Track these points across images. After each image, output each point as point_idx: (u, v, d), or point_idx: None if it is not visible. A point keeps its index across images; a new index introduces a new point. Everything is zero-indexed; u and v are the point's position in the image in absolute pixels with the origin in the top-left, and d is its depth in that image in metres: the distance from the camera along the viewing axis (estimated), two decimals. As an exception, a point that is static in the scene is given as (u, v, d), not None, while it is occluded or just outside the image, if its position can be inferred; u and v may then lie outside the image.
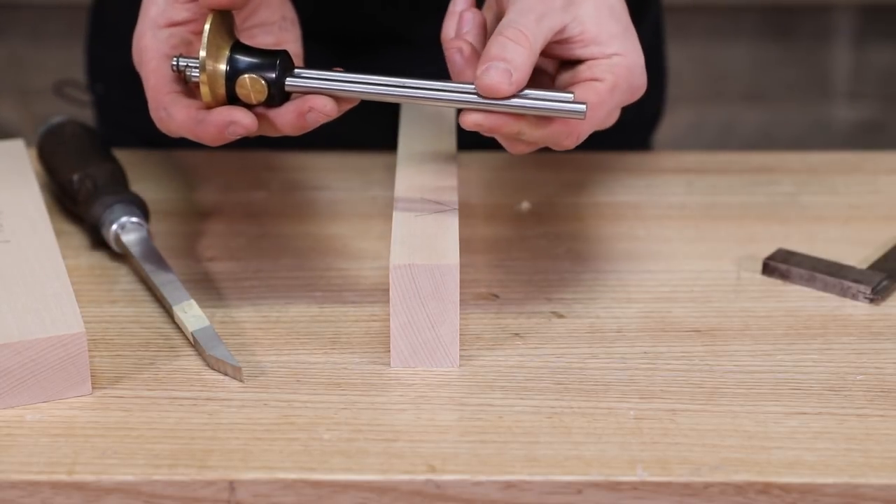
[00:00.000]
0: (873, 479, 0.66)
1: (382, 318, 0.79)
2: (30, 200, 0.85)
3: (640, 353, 0.76)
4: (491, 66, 0.70)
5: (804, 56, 2.14)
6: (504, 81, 0.69)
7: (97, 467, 0.66)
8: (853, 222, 0.91)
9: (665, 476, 0.66)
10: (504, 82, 0.69)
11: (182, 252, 0.87)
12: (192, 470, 0.66)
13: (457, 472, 0.66)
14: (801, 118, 2.18)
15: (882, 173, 0.98)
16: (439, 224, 0.76)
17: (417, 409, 0.71)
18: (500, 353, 0.76)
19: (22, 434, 0.69)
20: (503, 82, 0.69)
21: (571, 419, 0.70)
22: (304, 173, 0.98)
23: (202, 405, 0.71)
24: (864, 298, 0.81)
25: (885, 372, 0.74)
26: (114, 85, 1.10)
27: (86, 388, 0.72)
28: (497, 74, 0.70)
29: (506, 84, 0.69)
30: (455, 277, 0.72)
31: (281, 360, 0.75)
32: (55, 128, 0.95)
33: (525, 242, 0.88)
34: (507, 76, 0.69)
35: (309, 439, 0.69)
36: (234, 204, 0.93)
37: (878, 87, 2.18)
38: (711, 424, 0.70)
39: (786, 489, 0.66)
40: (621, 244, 0.88)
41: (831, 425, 0.70)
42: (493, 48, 0.70)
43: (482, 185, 0.96)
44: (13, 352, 0.69)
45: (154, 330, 0.78)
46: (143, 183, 0.93)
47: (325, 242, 0.88)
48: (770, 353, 0.76)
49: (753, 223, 0.91)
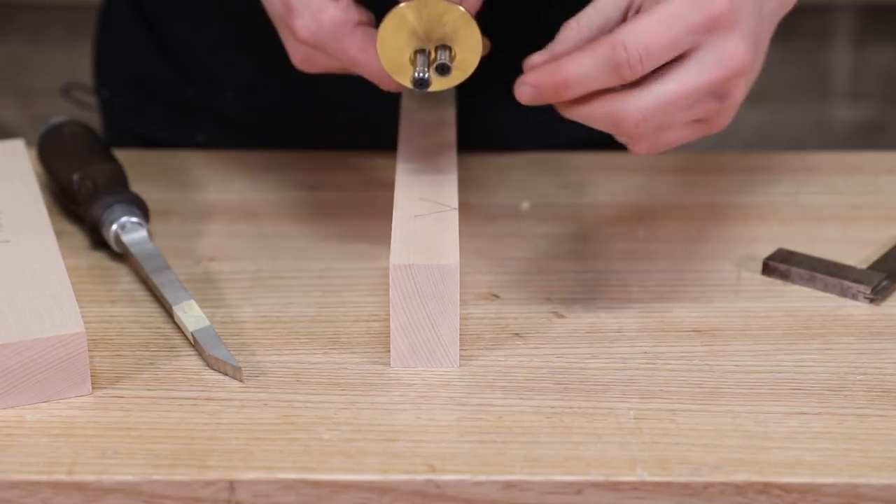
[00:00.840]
0: (873, 479, 0.66)
1: (382, 318, 0.79)
2: (30, 200, 0.85)
3: (640, 353, 0.76)
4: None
5: (804, 56, 2.14)
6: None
7: (97, 467, 0.66)
8: (853, 222, 0.91)
9: (665, 476, 0.66)
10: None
11: (182, 252, 0.87)
12: (192, 470, 0.66)
13: (457, 472, 0.66)
14: (801, 118, 2.18)
15: (882, 173, 0.98)
16: (439, 224, 0.76)
17: (417, 409, 0.71)
18: (500, 353, 0.76)
19: (22, 434, 0.69)
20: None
21: (571, 419, 0.70)
22: (304, 173, 0.98)
23: (202, 405, 0.71)
24: (864, 298, 0.81)
25: (885, 372, 0.74)
26: (119, 90, 1.10)
27: (86, 388, 0.72)
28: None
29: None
30: (455, 277, 0.72)
31: (281, 360, 0.75)
32: (55, 128, 0.95)
33: (525, 242, 0.88)
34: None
35: (309, 439, 0.69)
36: (234, 204, 0.93)
37: (878, 87, 2.18)
38: (711, 424, 0.70)
39: (786, 489, 0.66)
40: (621, 244, 0.88)
41: (831, 425, 0.70)
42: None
43: (482, 185, 0.96)
44: (13, 352, 0.69)
45: (154, 330, 0.78)
46: (143, 183, 0.93)
47: (325, 242, 0.88)
48: (770, 353, 0.76)
49: (753, 223, 0.91)
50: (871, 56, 2.16)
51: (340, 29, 0.78)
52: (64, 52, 1.99)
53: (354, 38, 0.78)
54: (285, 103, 1.02)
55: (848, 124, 2.19)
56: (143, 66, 1.07)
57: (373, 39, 0.77)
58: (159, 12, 1.06)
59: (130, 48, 1.08)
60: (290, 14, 0.78)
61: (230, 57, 1.03)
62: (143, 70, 1.07)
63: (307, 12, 0.77)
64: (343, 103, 0.98)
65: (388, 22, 0.76)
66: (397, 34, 0.76)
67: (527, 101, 0.73)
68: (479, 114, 0.97)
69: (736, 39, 0.71)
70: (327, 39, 0.78)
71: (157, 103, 1.08)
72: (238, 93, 1.04)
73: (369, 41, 0.78)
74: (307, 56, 0.81)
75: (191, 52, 1.05)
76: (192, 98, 1.06)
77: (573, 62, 0.70)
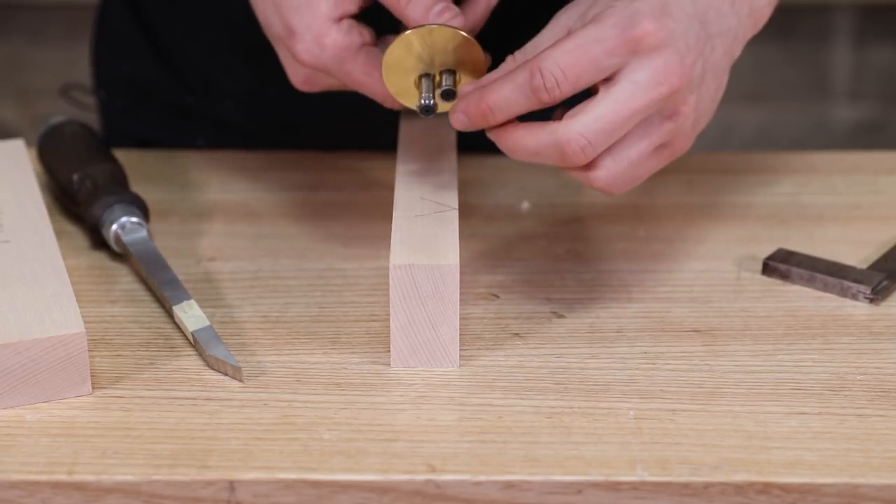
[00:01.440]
0: (873, 479, 0.66)
1: (382, 318, 0.79)
2: (30, 200, 0.85)
3: (640, 353, 0.76)
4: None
5: (804, 56, 2.14)
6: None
7: (97, 467, 0.66)
8: (853, 222, 0.91)
9: (665, 476, 0.66)
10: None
11: (182, 252, 0.87)
12: (192, 470, 0.66)
13: (457, 472, 0.66)
14: (802, 118, 2.18)
15: (882, 173, 0.98)
16: (439, 224, 0.76)
17: (417, 409, 0.71)
18: (500, 353, 0.76)
19: (22, 434, 0.69)
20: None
21: (571, 419, 0.70)
22: (304, 173, 0.98)
23: (202, 405, 0.71)
24: (864, 298, 0.81)
25: (885, 372, 0.74)
26: (116, 92, 1.10)
27: (86, 388, 0.72)
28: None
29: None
30: (455, 277, 0.72)
31: (281, 360, 0.75)
32: (55, 128, 0.95)
33: (525, 242, 0.88)
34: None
35: (309, 439, 0.69)
36: (234, 204, 0.93)
37: (878, 87, 2.18)
38: (711, 424, 0.70)
39: (786, 489, 0.66)
40: (621, 244, 0.88)
41: (831, 425, 0.70)
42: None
43: (482, 185, 0.96)
44: (13, 352, 0.69)
45: (154, 330, 0.78)
46: (143, 183, 0.93)
47: (325, 242, 0.88)
48: (770, 353, 0.76)
49: (753, 223, 0.91)
50: (871, 56, 2.16)
51: (344, 53, 0.78)
52: (63, 52, 1.99)
53: (358, 61, 0.78)
54: (285, 109, 1.02)
55: (848, 124, 2.19)
56: (141, 70, 1.07)
57: (377, 62, 0.78)
58: (156, 17, 1.05)
59: (128, 52, 1.08)
60: (292, 37, 0.78)
61: (228, 63, 1.03)
62: (141, 74, 1.07)
63: (309, 35, 0.77)
64: (343, 108, 0.98)
65: (394, 48, 0.76)
66: (403, 60, 0.77)
67: (461, 127, 0.74)
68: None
69: (666, 56, 0.71)
70: (331, 63, 0.78)
71: (155, 107, 1.08)
72: (237, 99, 1.04)
73: (373, 64, 0.78)
74: (308, 77, 0.81)
75: (188, 59, 1.05)
76: (191, 104, 1.06)
77: (495, 89, 0.72)
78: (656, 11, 0.71)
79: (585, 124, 0.71)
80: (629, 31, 0.70)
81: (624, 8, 0.71)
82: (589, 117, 0.71)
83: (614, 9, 0.71)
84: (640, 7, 0.71)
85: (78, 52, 1.38)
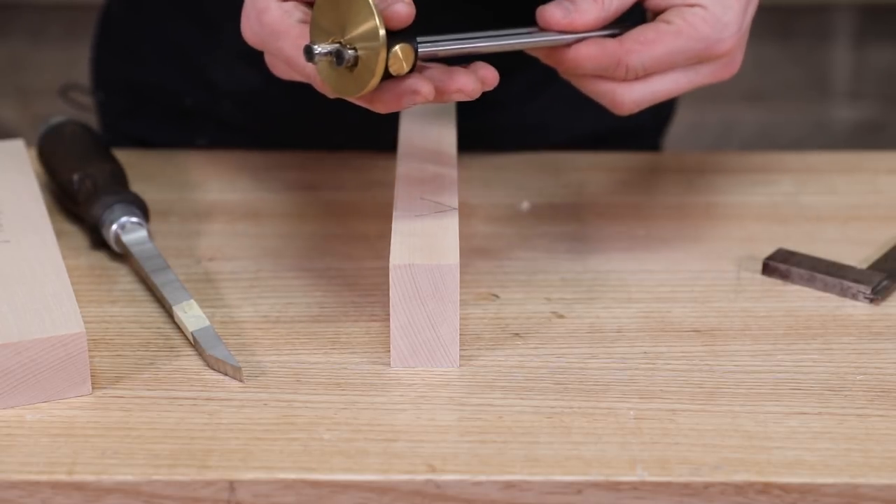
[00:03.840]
0: (873, 479, 0.66)
1: (382, 318, 0.79)
2: (30, 200, 0.85)
3: (640, 353, 0.76)
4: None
5: (804, 56, 2.14)
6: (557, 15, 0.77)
7: (97, 467, 0.66)
8: (853, 222, 0.91)
9: (665, 476, 0.66)
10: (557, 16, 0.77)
11: (182, 252, 0.87)
12: (192, 470, 0.66)
13: (457, 472, 0.66)
14: (801, 118, 2.19)
15: (882, 173, 0.98)
16: (439, 224, 0.76)
17: (417, 409, 0.71)
18: (500, 353, 0.76)
19: (22, 434, 0.69)
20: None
21: (571, 419, 0.70)
22: (304, 173, 0.98)
23: (202, 405, 0.71)
24: (864, 298, 0.81)
25: (885, 372, 0.74)
26: (115, 94, 1.10)
27: (86, 388, 0.72)
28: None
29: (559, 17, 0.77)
30: (455, 277, 0.72)
31: (281, 360, 0.75)
32: (55, 128, 0.95)
33: (525, 242, 0.88)
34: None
35: (309, 439, 0.69)
36: (234, 204, 0.93)
37: (878, 87, 2.18)
38: (711, 424, 0.70)
39: (786, 489, 0.66)
40: (621, 244, 0.88)
41: (831, 425, 0.70)
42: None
43: (482, 185, 0.96)
44: (13, 352, 0.70)
45: (154, 330, 0.78)
46: (143, 183, 0.93)
47: (325, 242, 0.88)
48: (770, 353, 0.76)
49: (753, 223, 0.91)
50: (871, 56, 2.16)
51: (279, 28, 0.75)
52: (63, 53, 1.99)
53: (290, 36, 0.75)
54: (285, 110, 1.02)
55: (848, 124, 2.19)
56: (141, 72, 1.07)
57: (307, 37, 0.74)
58: (157, 20, 1.05)
59: (128, 54, 1.08)
60: (244, 18, 0.77)
61: (228, 64, 1.03)
62: (141, 76, 1.07)
63: (253, 12, 0.76)
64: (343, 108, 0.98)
65: (315, 12, 0.72)
66: (318, 25, 0.72)
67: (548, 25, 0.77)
68: (478, 114, 0.97)
69: (734, 56, 0.80)
70: (268, 39, 0.75)
71: (154, 108, 1.08)
72: (236, 99, 1.04)
73: (304, 38, 0.74)
74: (268, 60, 0.79)
75: (189, 60, 1.05)
76: (191, 105, 1.06)
77: (580, 53, 0.77)
78: (739, 18, 0.78)
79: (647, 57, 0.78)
80: (713, 49, 0.78)
81: (716, 20, 0.78)
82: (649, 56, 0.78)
83: (706, 16, 0.78)
84: (728, 21, 0.78)
85: (78, 53, 1.38)
